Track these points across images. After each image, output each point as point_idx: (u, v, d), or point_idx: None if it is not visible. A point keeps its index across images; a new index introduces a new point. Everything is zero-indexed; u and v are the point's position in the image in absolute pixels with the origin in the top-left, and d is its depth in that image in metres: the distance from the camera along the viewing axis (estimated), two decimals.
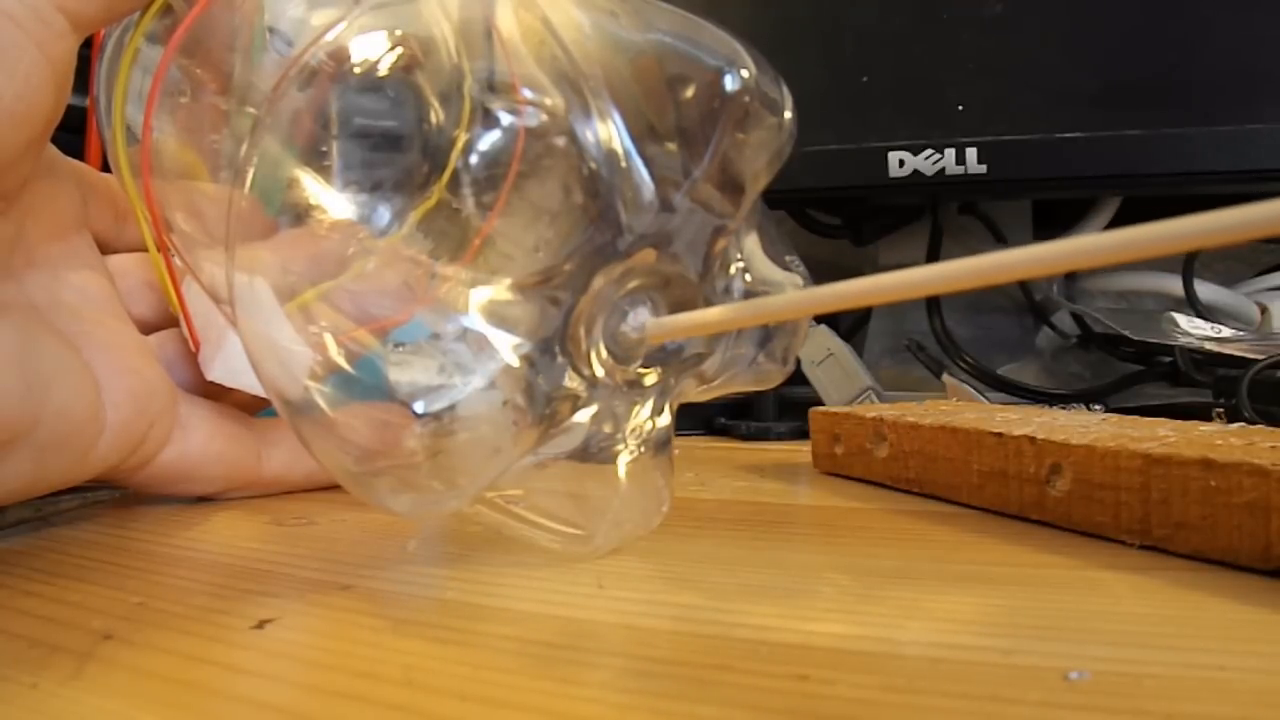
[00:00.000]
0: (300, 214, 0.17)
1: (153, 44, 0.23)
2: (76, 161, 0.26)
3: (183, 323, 0.27)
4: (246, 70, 0.22)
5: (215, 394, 0.27)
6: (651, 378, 0.19)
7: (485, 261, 0.17)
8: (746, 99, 0.17)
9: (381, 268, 0.17)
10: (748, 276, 0.19)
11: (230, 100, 0.22)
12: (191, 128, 0.23)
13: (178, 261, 0.26)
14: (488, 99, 0.16)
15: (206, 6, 0.22)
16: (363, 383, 0.16)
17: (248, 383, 0.27)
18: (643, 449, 0.19)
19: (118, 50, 0.23)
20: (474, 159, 0.16)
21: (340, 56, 0.17)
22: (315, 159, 0.17)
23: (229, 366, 0.27)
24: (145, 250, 0.27)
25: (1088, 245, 0.12)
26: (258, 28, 0.22)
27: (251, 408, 0.29)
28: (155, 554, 0.22)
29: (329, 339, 0.16)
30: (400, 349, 0.17)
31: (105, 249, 0.27)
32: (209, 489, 0.27)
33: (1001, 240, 0.50)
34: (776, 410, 0.42)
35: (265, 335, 0.16)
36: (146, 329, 0.27)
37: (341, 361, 0.16)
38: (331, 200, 0.17)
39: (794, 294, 0.18)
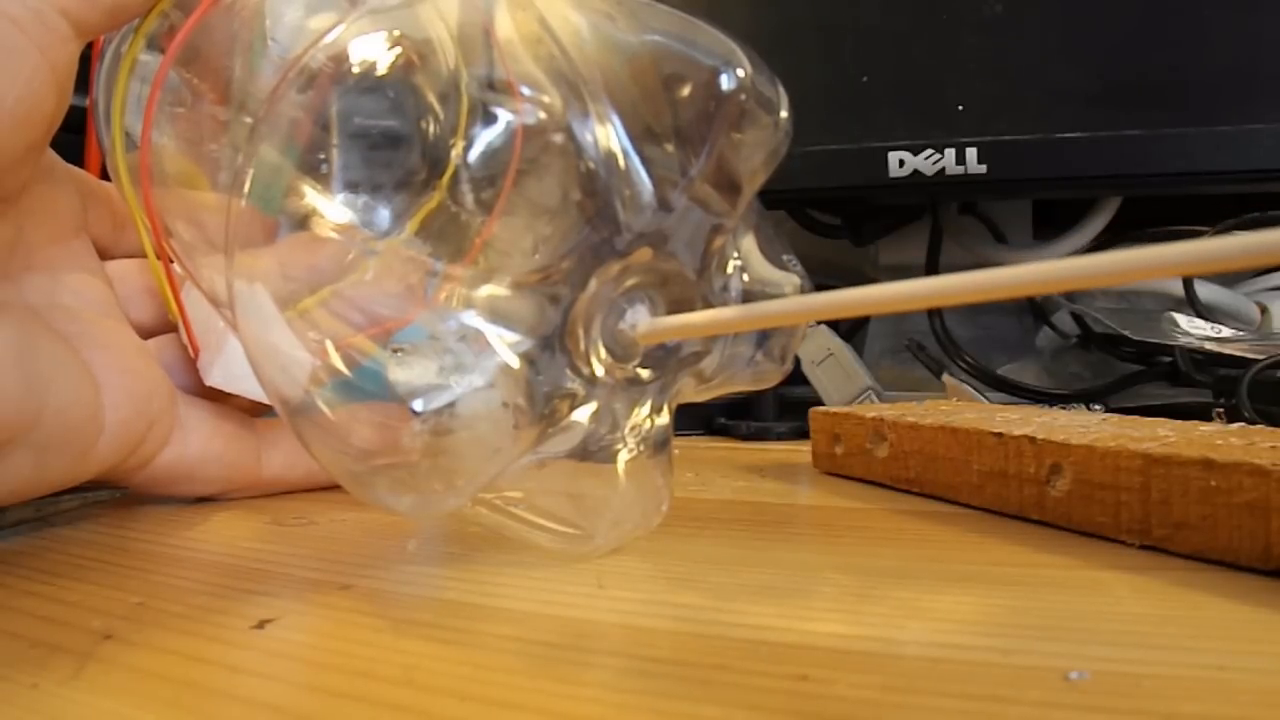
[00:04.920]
0: (301, 218, 0.17)
1: (151, 51, 0.23)
2: (75, 168, 0.26)
3: (181, 329, 0.27)
4: (245, 77, 0.22)
5: (214, 398, 0.27)
6: (650, 376, 0.19)
7: (484, 260, 0.17)
8: (742, 98, 0.17)
9: (383, 271, 0.17)
10: (745, 275, 0.19)
11: (229, 109, 0.22)
12: (191, 136, 0.23)
13: (177, 268, 0.26)
14: (486, 98, 0.16)
15: (204, 14, 0.22)
16: (363, 389, 0.16)
17: (247, 388, 0.27)
18: (642, 448, 0.19)
19: (115, 60, 0.23)
20: (474, 157, 0.16)
21: (339, 58, 0.17)
22: (315, 161, 0.17)
23: (228, 372, 0.27)
24: (144, 256, 0.27)
25: (1086, 266, 0.12)
26: (257, 34, 0.22)
27: (251, 413, 0.29)
28: (155, 554, 0.22)
29: (329, 345, 0.16)
30: (401, 351, 0.17)
31: (104, 255, 0.27)
32: (209, 489, 0.27)
33: (1001, 240, 0.50)
34: (776, 410, 0.42)
35: (266, 340, 0.16)
36: (145, 334, 0.27)
37: (342, 367, 0.16)
38: (332, 203, 0.17)
39: (788, 300, 0.18)
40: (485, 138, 0.16)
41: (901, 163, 0.42)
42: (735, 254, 0.19)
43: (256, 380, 0.17)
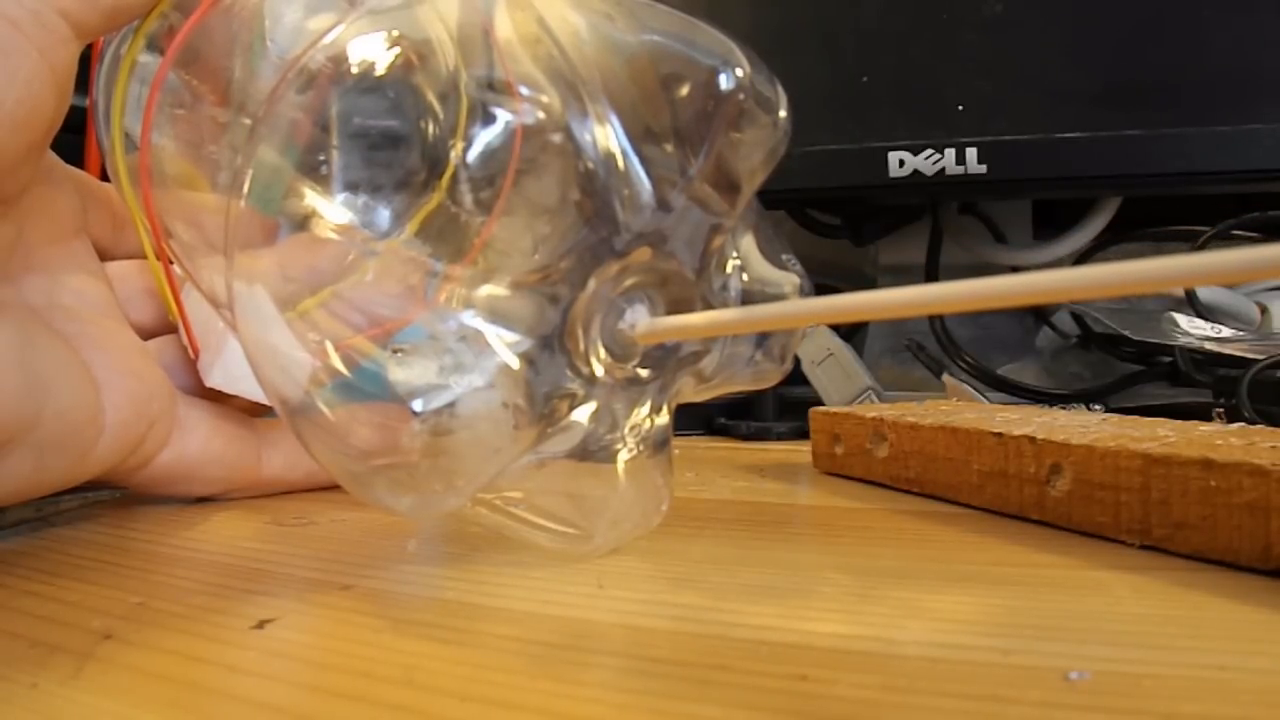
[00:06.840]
0: (301, 219, 0.17)
1: (151, 53, 0.23)
2: (75, 169, 0.26)
3: (181, 330, 0.27)
4: (245, 78, 0.22)
5: (214, 399, 0.27)
6: (649, 375, 0.19)
7: (484, 260, 0.17)
8: (741, 98, 0.17)
9: (383, 272, 0.17)
10: (744, 275, 0.19)
11: (229, 110, 0.22)
12: (190, 138, 0.23)
13: (176, 269, 0.26)
14: (485, 98, 0.16)
15: (203, 15, 0.22)
16: (363, 390, 0.16)
17: (247, 389, 0.27)
18: (641, 448, 0.19)
19: (115, 61, 0.23)
20: (473, 157, 0.16)
21: (338, 59, 0.17)
22: (314, 162, 0.17)
23: (228, 373, 0.27)
24: (144, 257, 0.27)
25: (1089, 276, 0.12)
26: (256, 35, 0.22)
27: (251, 413, 0.29)
28: (155, 554, 0.22)
29: (329, 346, 0.16)
30: (401, 351, 0.17)
31: (104, 256, 0.27)
32: (209, 489, 0.27)
33: (1001, 240, 0.50)
34: (776, 410, 0.42)
35: (265, 341, 0.16)
36: (145, 335, 0.27)
37: (342, 368, 0.16)
38: (332, 204, 0.17)
39: (787, 303, 0.18)
40: (484, 138, 0.16)
41: (901, 163, 0.42)
42: (734, 253, 0.19)
43: (256, 381, 0.17)
